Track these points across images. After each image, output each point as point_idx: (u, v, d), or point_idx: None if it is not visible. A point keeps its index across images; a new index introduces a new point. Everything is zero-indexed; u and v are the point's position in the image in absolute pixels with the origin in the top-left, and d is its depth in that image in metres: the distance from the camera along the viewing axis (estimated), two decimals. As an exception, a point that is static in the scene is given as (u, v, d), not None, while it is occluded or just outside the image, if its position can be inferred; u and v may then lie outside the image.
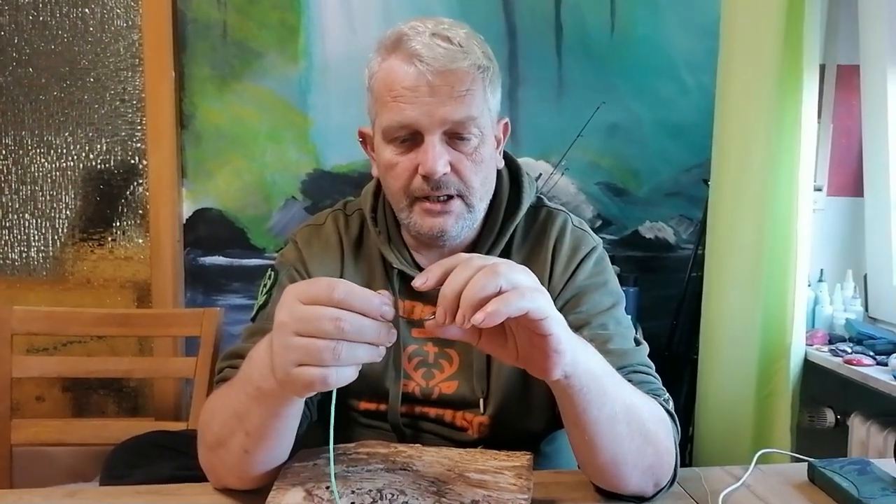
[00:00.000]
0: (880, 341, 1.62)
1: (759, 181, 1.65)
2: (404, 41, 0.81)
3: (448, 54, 0.80)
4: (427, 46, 0.80)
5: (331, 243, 0.96)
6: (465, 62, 0.81)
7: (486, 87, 0.84)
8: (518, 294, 0.57)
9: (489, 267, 0.58)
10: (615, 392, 0.68)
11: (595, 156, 2.04)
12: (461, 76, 0.81)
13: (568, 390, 0.65)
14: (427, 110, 0.80)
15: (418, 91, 0.80)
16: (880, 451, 1.50)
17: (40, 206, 1.98)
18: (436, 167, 0.81)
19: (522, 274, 0.60)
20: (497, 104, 0.89)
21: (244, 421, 0.70)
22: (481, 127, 0.84)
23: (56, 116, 1.96)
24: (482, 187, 0.87)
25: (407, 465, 0.76)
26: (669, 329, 1.96)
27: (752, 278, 1.66)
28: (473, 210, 0.87)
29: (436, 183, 0.83)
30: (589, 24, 2.00)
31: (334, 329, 0.57)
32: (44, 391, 1.99)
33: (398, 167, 0.85)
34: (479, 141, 0.84)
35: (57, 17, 1.93)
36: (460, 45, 0.81)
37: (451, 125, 0.82)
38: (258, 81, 1.96)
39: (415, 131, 0.82)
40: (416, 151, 0.83)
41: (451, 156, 0.83)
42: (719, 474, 0.87)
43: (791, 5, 1.59)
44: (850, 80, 1.92)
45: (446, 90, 0.80)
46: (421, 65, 0.80)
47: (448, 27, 0.83)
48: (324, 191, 1.99)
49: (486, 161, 0.86)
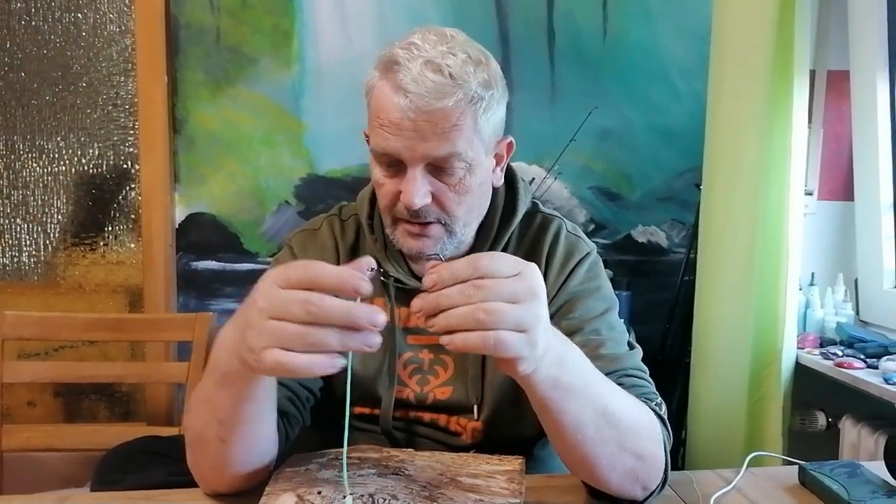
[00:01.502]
0: (871, 344, 1.63)
1: (751, 185, 1.66)
2: (395, 70, 0.79)
3: (436, 89, 0.78)
4: (415, 81, 0.78)
5: (326, 248, 0.96)
6: (452, 99, 0.78)
7: (478, 117, 0.82)
8: (490, 340, 0.58)
9: (486, 308, 0.57)
10: (584, 401, 0.68)
11: (588, 160, 2.05)
12: (447, 113, 0.79)
13: (527, 389, 0.67)
14: (409, 145, 0.80)
15: (402, 126, 0.79)
16: (871, 454, 1.50)
17: (32, 211, 1.97)
18: (413, 201, 0.81)
19: (519, 310, 0.59)
20: (496, 125, 0.86)
21: (216, 409, 0.69)
22: (468, 159, 0.82)
23: (48, 121, 1.95)
24: (467, 215, 0.86)
25: (399, 470, 0.76)
26: (662, 333, 1.96)
27: (744, 282, 1.67)
28: (455, 235, 0.86)
29: (415, 213, 0.83)
30: (581, 29, 2.01)
31: (303, 313, 0.56)
32: (35, 396, 1.98)
33: (384, 188, 0.85)
34: (466, 171, 0.83)
35: (49, 21, 1.93)
36: (451, 77, 0.78)
37: (433, 160, 0.81)
38: (251, 86, 1.96)
39: (398, 161, 0.82)
40: (401, 178, 0.82)
41: (433, 186, 0.82)
42: (710, 477, 0.87)
43: (782, 11, 1.61)
44: (840, 86, 1.93)
45: (429, 127, 0.79)
46: (405, 99, 0.78)
47: (446, 51, 0.80)
48: (317, 195, 1.99)
49: (473, 190, 0.85)
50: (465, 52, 0.81)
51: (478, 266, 0.59)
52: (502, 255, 0.61)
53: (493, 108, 0.84)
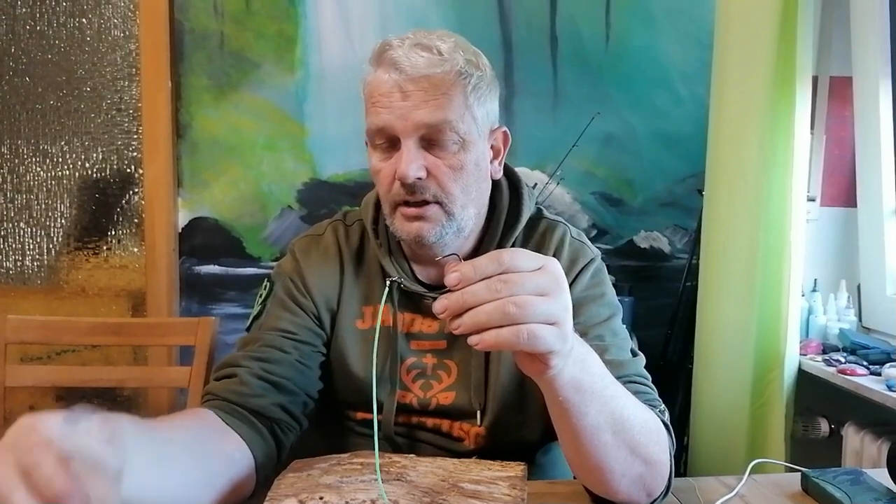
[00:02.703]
0: (874, 351, 1.63)
1: (753, 191, 1.66)
2: (387, 51, 0.82)
3: (425, 61, 0.81)
4: (405, 56, 0.81)
5: (330, 254, 0.96)
6: (440, 69, 0.81)
7: (468, 92, 0.83)
8: (523, 334, 0.56)
9: (516, 300, 0.56)
10: (602, 404, 0.68)
11: (590, 166, 2.05)
12: (436, 81, 0.81)
13: (549, 392, 0.66)
14: (401, 114, 0.81)
15: (392, 96, 0.81)
16: (874, 461, 1.50)
17: (35, 215, 1.98)
18: (407, 171, 0.81)
19: (548, 303, 0.58)
20: (489, 114, 0.88)
21: None
22: (461, 133, 0.83)
23: (52, 125, 1.96)
24: (463, 195, 0.86)
25: (401, 476, 0.76)
26: (664, 338, 1.96)
27: (747, 288, 1.67)
28: (454, 218, 0.86)
29: (410, 188, 0.83)
30: (584, 35, 2.02)
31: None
32: (37, 400, 1.98)
33: (381, 173, 0.86)
34: (460, 147, 0.84)
35: (54, 26, 1.94)
36: (439, 53, 0.82)
37: (426, 129, 0.82)
38: (255, 91, 1.97)
39: (393, 136, 0.83)
40: (397, 160, 0.83)
41: (427, 161, 0.83)
42: (713, 484, 0.87)
43: (784, 17, 1.61)
44: (842, 92, 1.93)
45: (420, 94, 0.81)
46: (396, 73, 0.81)
47: (435, 38, 0.84)
48: (320, 200, 1.99)
49: (468, 168, 0.85)
50: (453, 39, 0.85)
51: (502, 260, 0.57)
52: (523, 250, 0.60)
53: (483, 90, 0.86)
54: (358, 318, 0.94)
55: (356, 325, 0.94)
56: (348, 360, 0.92)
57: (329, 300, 0.94)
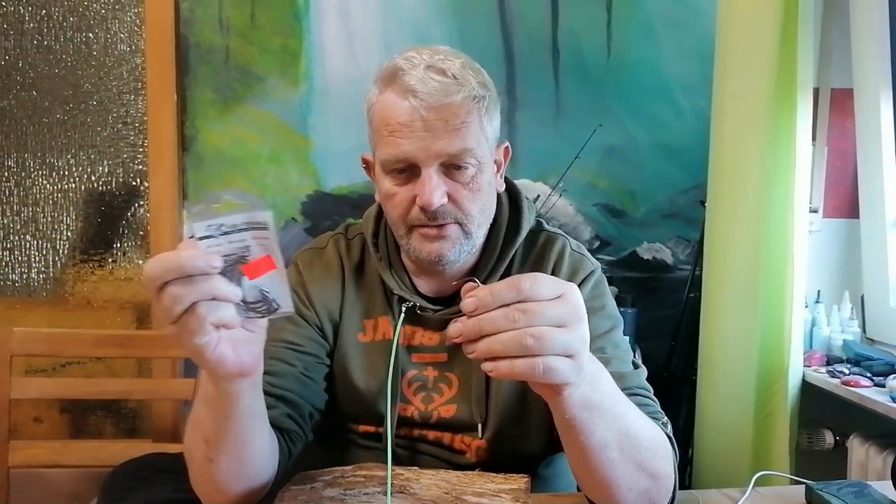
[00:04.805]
0: (878, 362, 1.62)
1: (755, 203, 1.66)
2: (399, 75, 0.82)
3: (442, 88, 0.81)
4: (421, 81, 0.81)
5: (332, 267, 0.97)
6: (459, 95, 0.81)
7: (482, 116, 0.85)
8: (539, 367, 0.56)
9: (533, 332, 0.55)
10: (610, 421, 0.67)
11: (592, 177, 2.06)
12: (455, 109, 0.82)
13: (558, 410, 0.65)
14: (423, 145, 0.81)
15: (413, 126, 0.81)
16: (880, 473, 1.49)
17: (41, 228, 1.99)
18: (432, 200, 0.82)
19: (566, 335, 0.57)
20: (495, 130, 0.90)
21: (202, 429, 0.70)
22: (478, 157, 0.84)
23: (59, 139, 1.98)
24: (480, 215, 0.88)
25: (404, 488, 0.76)
26: (668, 350, 1.96)
27: (750, 299, 1.67)
28: (471, 237, 0.87)
29: (433, 214, 0.84)
30: (585, 48, 2.03)
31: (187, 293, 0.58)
32: (42, 412, 1.99)
33: (396, 197, 0.86)
34: (477, 170, 0.85)
35: (61, 41, 1.96)
36: (454, 77, 0.82)
37: (447, 158, 0.83)
38: (259, 105, 1.98)
39: (412, 164, 0.83)
40: (414, 183, 0.84)
41: (448, 186, 0.84)
42: (716, 497, 0.87)
43: (785, 29, 1.62)
44: (844, 104, 1.94)
45: (441, 124, 0.81)
46: (415, 100, 0.81)
47: (443, 58, 0.84)
48: (324, 212, 2.00)
49: (484, 189, 0.87)
50: (459, 59, 0.86)
51: (521, 288, 0.56)
52: (543, 276, 0.59)
53: (493, 110, 0.88)
54: (359, 331, 0.95)
55: (357, 337, 0.94)
56: (350, 372, 0.93)
57: (332, 312, 0.94)
